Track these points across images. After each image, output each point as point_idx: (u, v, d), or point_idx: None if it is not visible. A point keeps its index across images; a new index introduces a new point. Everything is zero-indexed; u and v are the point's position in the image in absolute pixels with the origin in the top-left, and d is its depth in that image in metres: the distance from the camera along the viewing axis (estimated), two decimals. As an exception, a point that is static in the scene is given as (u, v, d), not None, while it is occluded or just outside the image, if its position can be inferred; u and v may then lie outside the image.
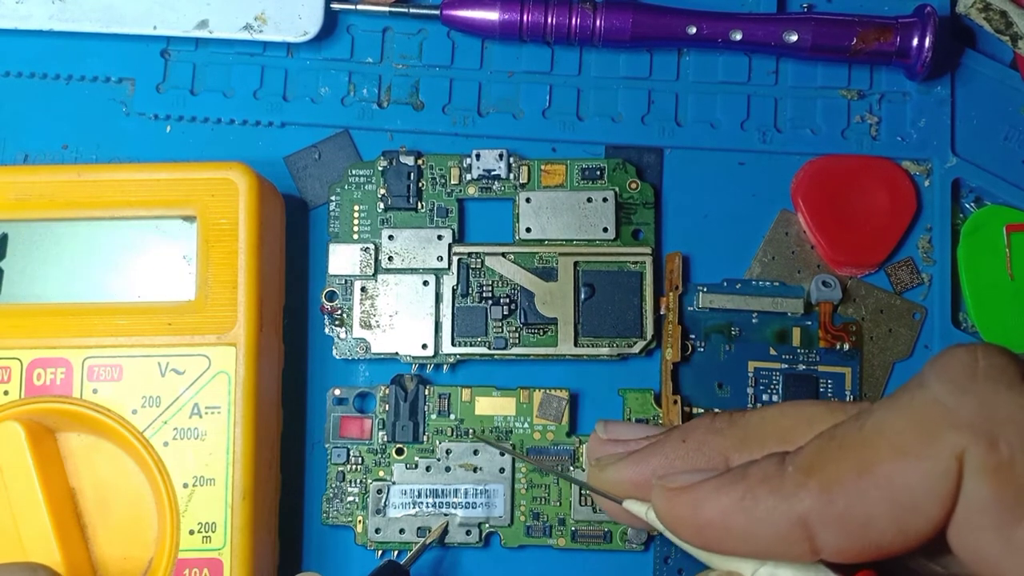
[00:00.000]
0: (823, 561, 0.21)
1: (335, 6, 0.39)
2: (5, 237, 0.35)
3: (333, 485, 0.37)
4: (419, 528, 0.36)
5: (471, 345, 0.38)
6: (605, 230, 0.38)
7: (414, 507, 0.37)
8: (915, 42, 0.39)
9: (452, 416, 0.37)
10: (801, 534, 0.21)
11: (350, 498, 0.37)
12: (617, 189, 0.39)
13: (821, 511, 0.20)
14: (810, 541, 0.21)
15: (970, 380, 0.20)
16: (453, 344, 0.38)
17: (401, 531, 0.36)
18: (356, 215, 0.39)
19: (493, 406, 0.37)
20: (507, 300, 0.38)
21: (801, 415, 0.24)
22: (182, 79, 0.40)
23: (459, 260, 0.38)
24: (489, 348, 0.38)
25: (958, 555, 0.20)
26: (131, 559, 0.34)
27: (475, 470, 0.37)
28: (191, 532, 0.33)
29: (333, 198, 0.39)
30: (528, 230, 0.39)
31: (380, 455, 0.37)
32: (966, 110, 0.41)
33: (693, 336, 0.38)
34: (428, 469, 0.37)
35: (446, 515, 0.36)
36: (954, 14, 0.41)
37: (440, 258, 0.38)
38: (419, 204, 0.39)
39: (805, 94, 0.40)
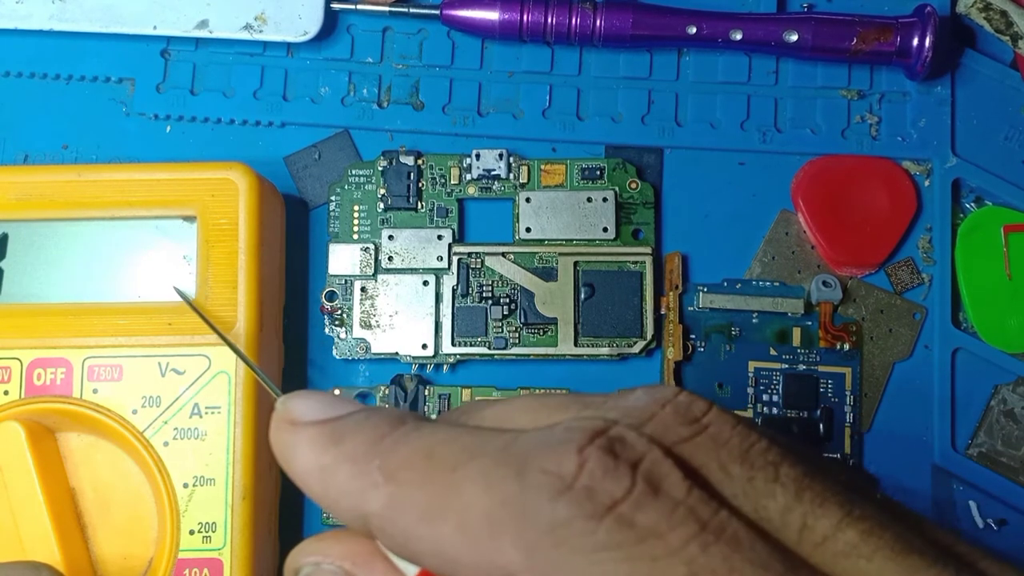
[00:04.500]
0: None
1: (335, 6, 0.39)
2: (5, 237, 0.35)
3: (333, 485, 0.37)
4: (419, 528, 0.36)
5: (471, 345, 0.38)
6: (605, 230, 0.38)
7: (414, 507, 0.37)
8: (915, 42, 0.39)
9: (452, 416, 0.37)
10: (365, 529, 0.19)
11: (350, 498, 0.37)
12: (617, 189, 0.39)
13: (381, 526, 0.19)
14: (375, 539, 0.20)
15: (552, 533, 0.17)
16: (453, 344, 0.38)
17: (401, 531, 0.36)
18: (356, 215, 0.39)
19: (493, 406, 0.37)
20: (507, 300, 0.38)
21: (542, 409, 0.20)
22: (182, 79, 0.40)
23: (459, 260, 0.38)
24: (489, 348, 0.38)
25: None
26: (131, 559, 0.34)
27: (475, 470, 0.37)
28: (191, 532, 0.33)
29: (333, 198, 0.39)
30: (528, 230, 0.39)
31: (380, 455, 0.37)
32: (966, 110, 0.41)
33: (693, 336, 0.38)
34: (428, 469, 0.37)
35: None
36: (954, 14, 0.41)
37: (440, 258, 0.38)
38: (419, 204, 0.39)
39: (805, 94, 0.40)
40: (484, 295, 0.38)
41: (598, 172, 0.39)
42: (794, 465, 0.18)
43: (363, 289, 0.38)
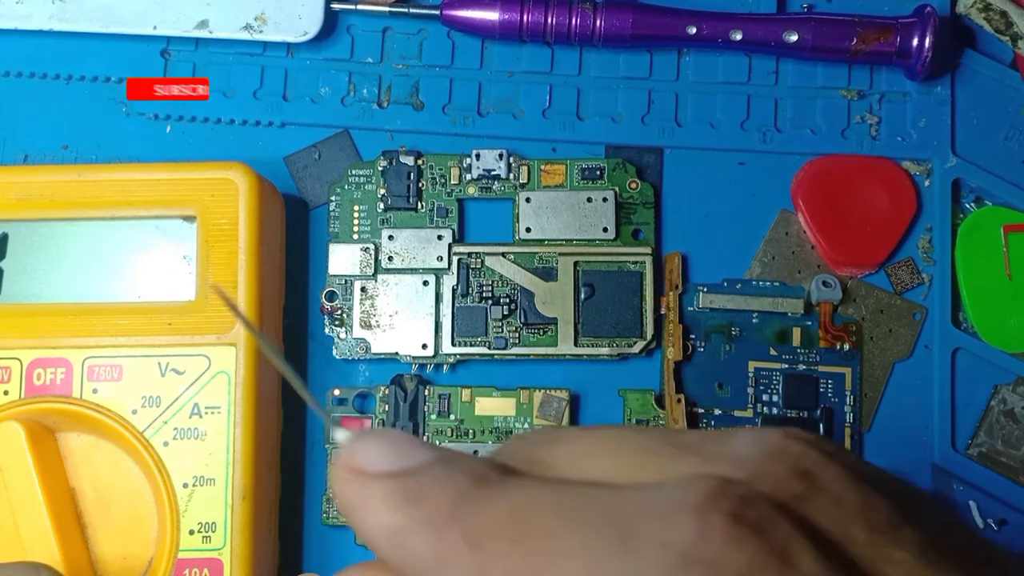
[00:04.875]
0: None
1: (335, 6, 0.39)
2: (5, 237, 0.35)
3: (333, 485, 0.37)
4: (419, 528, 0.36)
5: (471, 345, 0.38)
6: (605, 230, 0.38)
7: (414, 507, 0.37)
8: (915, 42, 0.39)
9: (452, 416, 0.37)
10: None
11: (350, 498, 0.37)
12: (617, 189, 0.39)
13: None
14: None
15: None
16: (453, 344, 0.38)
17: (401, 531, 0.36)
18: (356, 215, 0.39)
19: (493, 406, 0.37)
20: (507, 300, 0.38)
21: (629, 453, 0.18)
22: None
23: (459, 260, 0.38)
24: (489, 348, 0.38)
25: None
26: (131, 559, 0.34)
27: (475, 470, 0.37)
28: (191, 532, 0.33)
29: (333, 198, 0.39)
30: (528, 230, 0.39)
31: (380, 455, 0.37)
32: (966, 110, 0.41)
33: (693, 336, 0.38)
34: (428, 469, 0.37)
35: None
36: (954, 14, 0.41)
37: (440, 258, 0.38)
38: (419, 204, 0.39)
39: (805, 94, 0.40)
40: (484, 295, 0.38)
41: (598, 172, 0.39)
42: (916, 529, 0.16)
43: (363, 289, 0.38)
